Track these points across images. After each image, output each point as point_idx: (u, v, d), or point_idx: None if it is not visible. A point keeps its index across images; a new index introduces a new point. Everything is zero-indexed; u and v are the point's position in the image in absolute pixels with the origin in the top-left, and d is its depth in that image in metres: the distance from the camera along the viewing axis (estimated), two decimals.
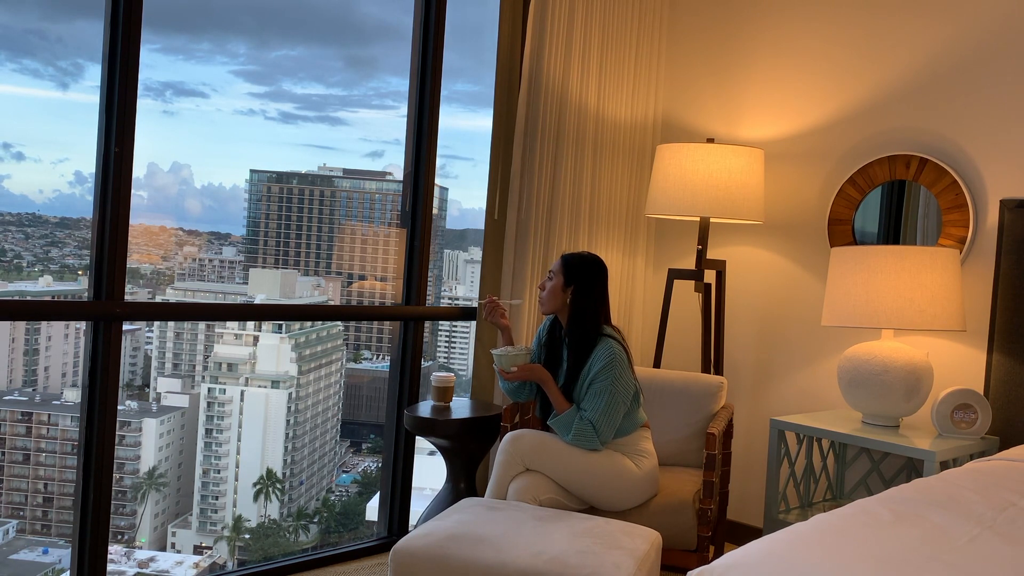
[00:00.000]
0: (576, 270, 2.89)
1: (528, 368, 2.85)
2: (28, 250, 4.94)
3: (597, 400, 2.78)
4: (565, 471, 2.77)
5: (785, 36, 3.81)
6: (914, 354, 3.07)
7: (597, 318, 2.88)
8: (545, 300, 2.91)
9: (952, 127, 3.32)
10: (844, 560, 1.65)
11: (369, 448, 6.86)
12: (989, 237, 3.21)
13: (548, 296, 2.90)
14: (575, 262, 2.91)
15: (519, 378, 2.87)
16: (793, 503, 3.46)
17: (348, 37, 5.67)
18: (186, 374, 6.49)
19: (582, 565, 2.16)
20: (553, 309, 2.91)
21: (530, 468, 2.78)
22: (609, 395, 2.77)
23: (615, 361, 2.78)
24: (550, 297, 2.90)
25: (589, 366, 2.81)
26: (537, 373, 2.86)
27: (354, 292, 6.16)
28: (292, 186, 6.31)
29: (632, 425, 2.89)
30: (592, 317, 2.87)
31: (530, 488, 2.71)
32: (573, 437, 2.78)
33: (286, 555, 3.45)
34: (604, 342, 2.83)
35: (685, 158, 3.51)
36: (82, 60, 4.35)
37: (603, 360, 2.79)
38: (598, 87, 3.81)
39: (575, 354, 2.86)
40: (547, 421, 2.90)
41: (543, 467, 2.77)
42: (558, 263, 2.92)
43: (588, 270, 2.90)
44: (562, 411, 2.82)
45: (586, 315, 2.86)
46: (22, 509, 5.69)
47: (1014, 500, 2.09)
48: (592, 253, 2.98)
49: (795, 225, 3.76)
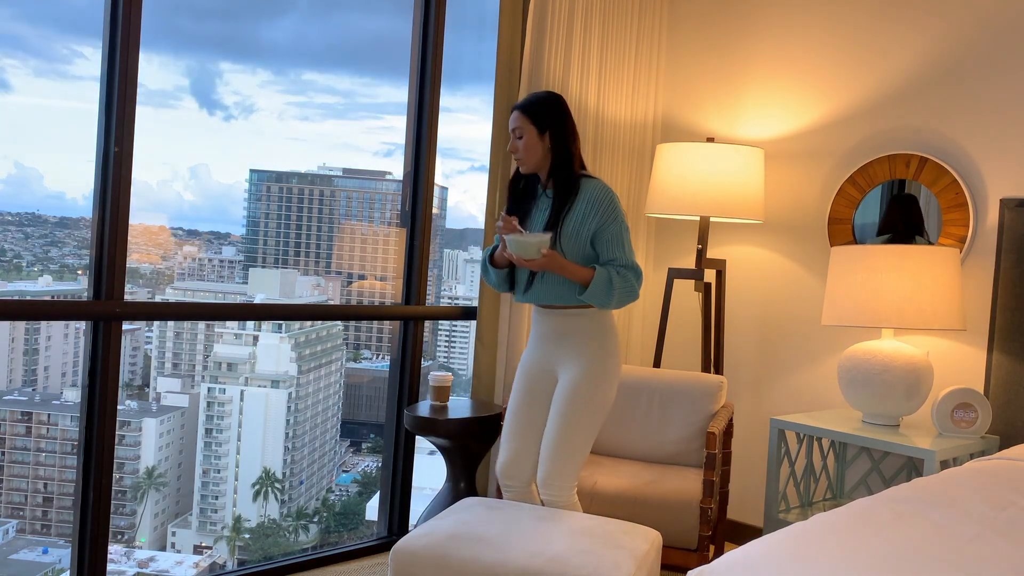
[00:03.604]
0: (545, 114, 2.64)
1: (550, 254, 2.52)
2: (28, 250, 4.94)
3: (617, 243, 2.57)
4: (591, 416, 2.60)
5: (785, 36, 3.80)
6: (914, 353, 3.07)
7: (577, 157, 2.67)
8: (526, 158, 2.65)
9: (952, 126, 3.32)
10: (844, 560, 1.65)
11: (369, 448, 6.86)
12: (989, 236, 3.21)
13: (527, 152, 2.64)
14: (536, 106, 2.65)
15: (539, 266, 2.55)
16: (793, 503, 3.46)
17: (349, 37, 5.67)
18: (186, 374, 6.49)
19: (582, 565, 2.16)
20: (537, 164, 2.66)
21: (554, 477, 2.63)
22: (627, 233, 2.60)
23: (614, 199, 2.59)
24: (529, 152, 2.64)
25: (582, 212, 2.58)
26: (557, 259, 2.55)
27: (354, 292, 6.16)
28: (292, 185, 6.31)
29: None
30: (575, 157, 2.66)
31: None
32: (618, 296, 2.55)
33: (286, 555, 3.45)
34: (589, 182, 2.62)
35: (685, 157, 3.51)
36: (82, 60, 4.35)
37: (601, 203, 2.57)
38: (598, 87, 3.81)
39: (558, 204, 2.61)
40: (579, 296, 2.59)
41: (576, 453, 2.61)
42: (518, 115, 2.65)
43: (555, 109, 2.65)
44: (587, 280, 2.57)
45: (569, 157, 2.64)
46: (22, 509, 5.69)
47: (1014, 499, 2.08)
48: (545, 91, 2.73)
49: (795, 224, 3.76)
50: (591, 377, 2.62)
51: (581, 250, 2.61)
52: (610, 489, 2.97)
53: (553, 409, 2.65)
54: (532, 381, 2.74)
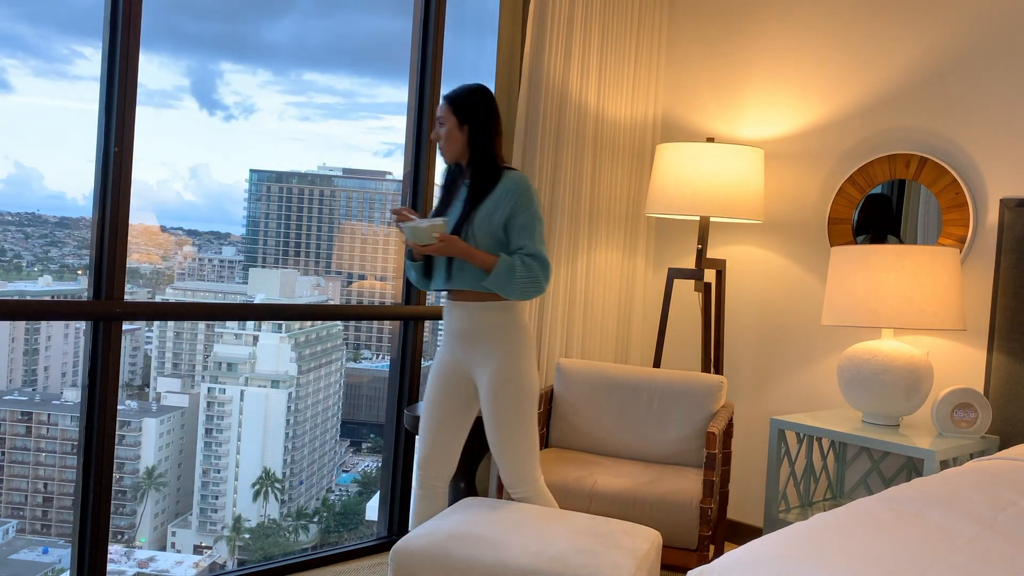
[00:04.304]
0: (467, 106, 2.65)
1: (447, 238, 2.53)
2: (28, 250, 4.94)
3: (527, 232, 2.57)
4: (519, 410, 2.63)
5: (785, 35, 3.81)
6: (914, 353, 3.07)
7: (498, 150, 2.67)
8: (445, 147, 2.67)
9: (952, 126, 3.32)
10: (844, 560, 1.65)
11: (369, 448, 6.87)
12: (989, 236, 3.21)
13: (447, 142, 2.66)
14: (461, 98, 2.66)
15: (437, 251, 2.55)
16: (793, 502, 3.46)
17: (349, 37, 5.67)
18: (186, 374, 6.50)
19: (582, 565, 2.16)
20: (456, 154, 2.67)
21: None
22: (540, 223, 2.59)
23: (530, 189, 2.60)
24: (449, 142, 2.66)
25: (496, 200, 2.59)
26: (457, 243, 2.55)
27: (354, 292, 6.17)
28: (292, 185, 6.31)
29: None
30: (496, 151, 2.66)
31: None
32: (520, 284, 2.55)
33: (286, 555, 3.45)
34: (509, 174, 2.63)
35: (685, 157, 3.51)
36: (82, 60, 4.35)
37: (516, 191, 2.58)
38: (598, 87, 3.81)
39: (474, 193, 2.62)
40: (482, 283, 2.59)
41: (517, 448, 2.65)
42: (444, 105, 2.66)
43: (479, 103, 2.66)
44: (491, 267, 2.56)
45: (488, 150, 2.65)
46: (22, 509, 5.70)
47: (1014, 499, 2.09)
48: (475, 84, 2.73)
49: (795, 224, 3.76)
50: (508, 373, 2.63)
51: (495, 239, 2.61)
52: (610, 489, 2.97)
53: (484, 416, 2.68)
54: (446, 382, 2.75)
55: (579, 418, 3.41)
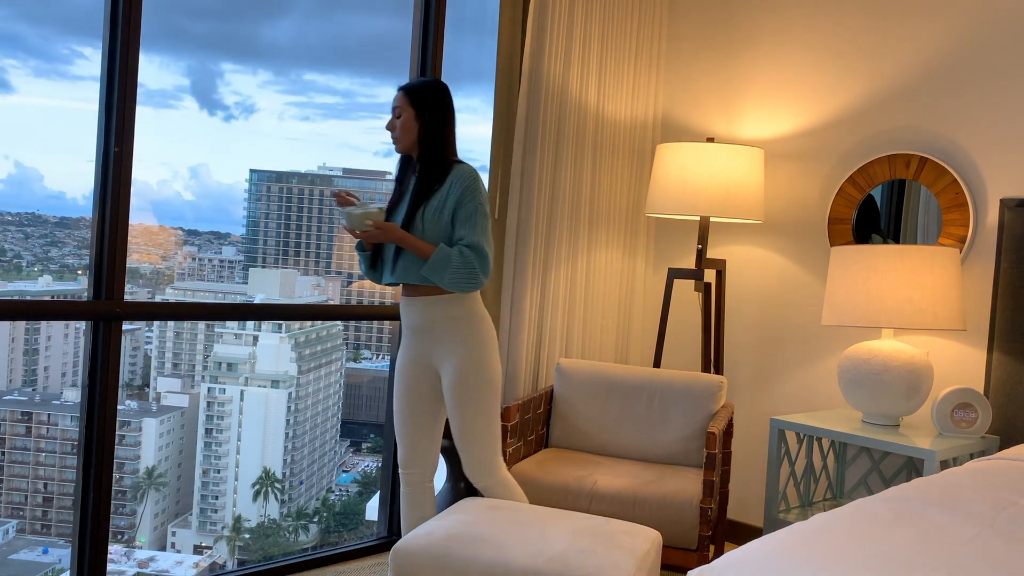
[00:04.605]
0: (424, 99, 2.66)
1: (383, 226, 2.56)
2: (28, 250, 4.94)
3: (469, 223, 2.57)
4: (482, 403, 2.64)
5: (785, 35, 3.81)
6: (914, 353, 3.07)
7: (451, 145, 2.69)
8: (400, 137, 2.68)
9: (952, 126, 3.32)
10: (844, 560, 1.65)
11: (369, 448, 6.87)
12: (989, 236, 3.21)
13: (402, 132, 2.67)
14: (420, 90, 2.67)
15: (374, 238, 2.59)
16: (793, 503, 3.46)
17: (349, 37, 5.67)
18: (186, 374, 6.50)
19: (582, 565, 2.16)
20: (409, 145, 2.68)
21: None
22: (483, 216, 2.59)
23: (478, 181, 2.60)
24: (404, 132, 2.66)
25: (445, 192, 2.60)
26: (394, 231, 2.58)
27: (354, 291, 6.16)
28: (292, 185, 6.31)
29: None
30: (448, 144, 2.68)
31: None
32: (453, 275, 2.54)
33: (286, 555, 3.45)
34: (458, 167, 2.64)
35: (685, 158, 3.51)
36: (82, 60, 4.35)
37: (463, 182, 2.59)
38: (598, 87, 3.81)
39: (422, 184, 2.63)
40: (420, 271, 2.60)
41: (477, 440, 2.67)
42: (400, 96, 2.68)
43: (435, 96, 2.68)
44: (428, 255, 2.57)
45: (441, 143, 2.66)
46: (22, 509, 5.70)
47: (1014, 499, 2.09)
48: (432, 77, 2.72)
49: (795, 224, 3.76)
50: (470, 364, 2.64)
51: (443, 231, 2.61)
52: (610, 489, 2.97)
53: (448, 408, 2.70)
54: (412, 380, 2.76)
55: (579, 418, 3.41)
